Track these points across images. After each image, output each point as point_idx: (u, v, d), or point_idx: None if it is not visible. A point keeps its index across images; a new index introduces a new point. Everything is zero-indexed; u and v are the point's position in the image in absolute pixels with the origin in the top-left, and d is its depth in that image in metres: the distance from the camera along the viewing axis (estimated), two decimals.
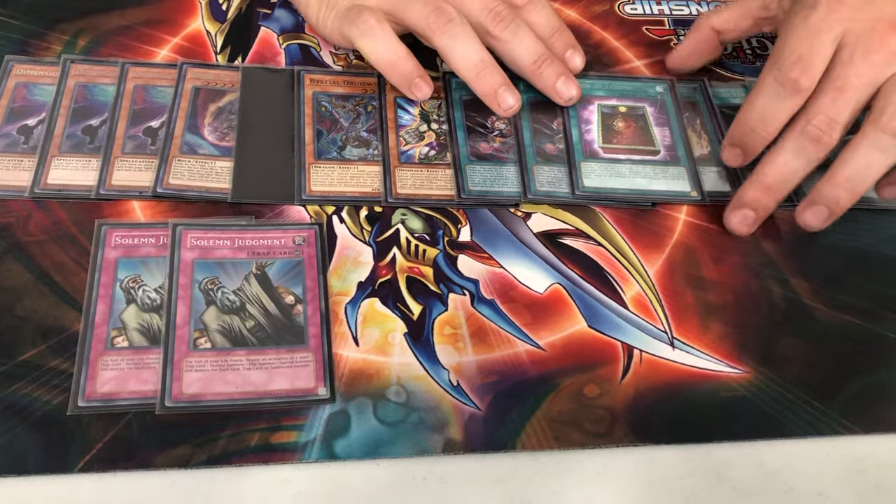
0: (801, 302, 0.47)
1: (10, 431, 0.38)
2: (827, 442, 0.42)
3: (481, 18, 0.50)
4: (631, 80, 0.56)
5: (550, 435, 0.40)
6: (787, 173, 0.47)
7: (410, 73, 0.50)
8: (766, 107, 0.47)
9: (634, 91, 0.55)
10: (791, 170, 0.47)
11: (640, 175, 0.51)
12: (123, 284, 0.43)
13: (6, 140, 0.48)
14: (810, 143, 0.46)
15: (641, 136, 0.53)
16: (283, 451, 0.39)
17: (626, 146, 0.52)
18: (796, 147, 0.46)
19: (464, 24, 0.49)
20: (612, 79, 0.56)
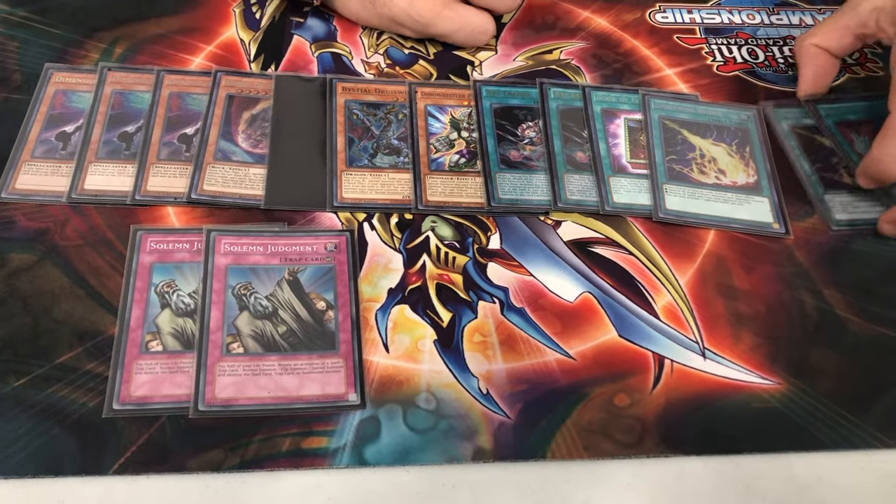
0: (833, 313, 0.46)
1: (47, 433, 0.38)
2: (861, 455, 0.41)
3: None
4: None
5: (580, 444, 0.40)
6: None
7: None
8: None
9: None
10: None
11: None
12: (158, 289, 0.44)
13: (45, 146, 0.49)
14: None
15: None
16: (313, 457, 0.39)
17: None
18: None
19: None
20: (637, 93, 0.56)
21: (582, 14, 0.61)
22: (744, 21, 0.62)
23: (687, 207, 0.50)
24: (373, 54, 0.57)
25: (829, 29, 0.53)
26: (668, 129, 0.54)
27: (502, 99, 0.55)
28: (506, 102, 0.54)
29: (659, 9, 0.62)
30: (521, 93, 0.55)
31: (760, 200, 0.51)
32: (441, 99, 0.54)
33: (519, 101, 0.55)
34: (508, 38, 0.59)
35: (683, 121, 0.54)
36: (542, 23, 0.61)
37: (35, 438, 0.38)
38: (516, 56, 0.58)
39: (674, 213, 0.50)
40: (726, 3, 0.64)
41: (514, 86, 0.55)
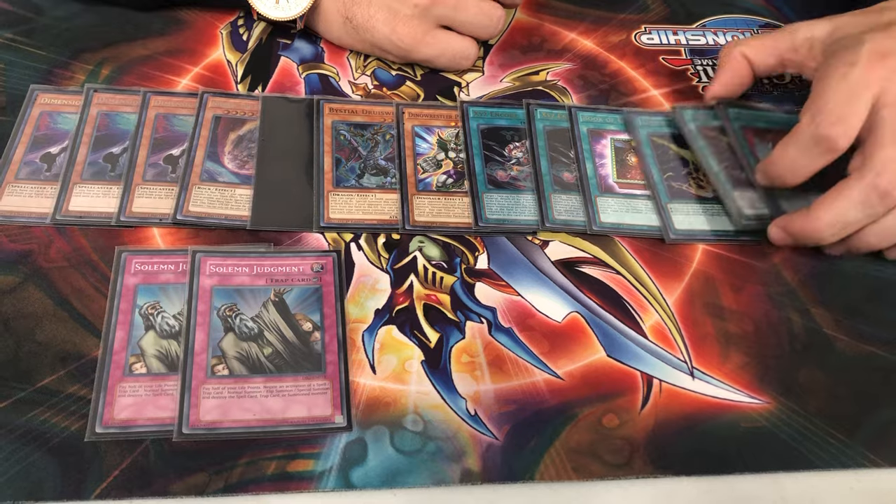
0: (822, 332, 0.46)
1: (27, 457, 0.38)
2: (851, 475, 0.41)
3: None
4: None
5: (569, 466, 0.40)
6: (842, 223, 0.46)
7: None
8: (797, 158, 0.46)
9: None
10: (847, 220, 0.46)
11: (655, 211, 0.51)
12: (142, 311, 0.43)
13: (30, 167, 0.49)
14: (878, 197, 0.44)
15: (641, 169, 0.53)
16: (299, 480, 0.38)
17: (641, 181, 0.52)
18: (862, 199, 0.45)
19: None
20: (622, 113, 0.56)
21: (568, 35, 0.62)
22: (728, 42, 0.63)
23: (694, 225, 0.50)
24: (360, 75, 0.57)
25: (760, 44, 0.54)
26: (657, 145, 0.54)
27: (489, 119, 0.55)
28: (493, 123, 0.54)
29: (644, 30, 0.63)
30: (508, 113, 0.55)
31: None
32: (428, 120, 0.55)
33: (506, 121, 0.55)
34: (495, 60, 0.60)
35: (672, 135, 0.55)
36: (529, 44, 0.61)
37: (16, 463, 0.38)
38: (503, 77, 0.58)
39: (684, 234, 0.50)
40: (711, 25, 0.64)
41: (500, 106, 0.56)
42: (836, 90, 0.45)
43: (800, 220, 0.47)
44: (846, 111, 0.44)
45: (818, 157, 0.46)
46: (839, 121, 0.44)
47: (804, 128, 0.46)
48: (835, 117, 0.45)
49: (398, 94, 0.57)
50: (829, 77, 0.46)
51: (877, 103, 0.44)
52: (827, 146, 0.45)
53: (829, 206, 0.46)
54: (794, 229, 0.47)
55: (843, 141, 0.45)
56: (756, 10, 0.66)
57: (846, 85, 0.45)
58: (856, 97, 0.45)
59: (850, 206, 0.45)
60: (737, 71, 0.55)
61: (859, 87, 0.45)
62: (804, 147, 0.46)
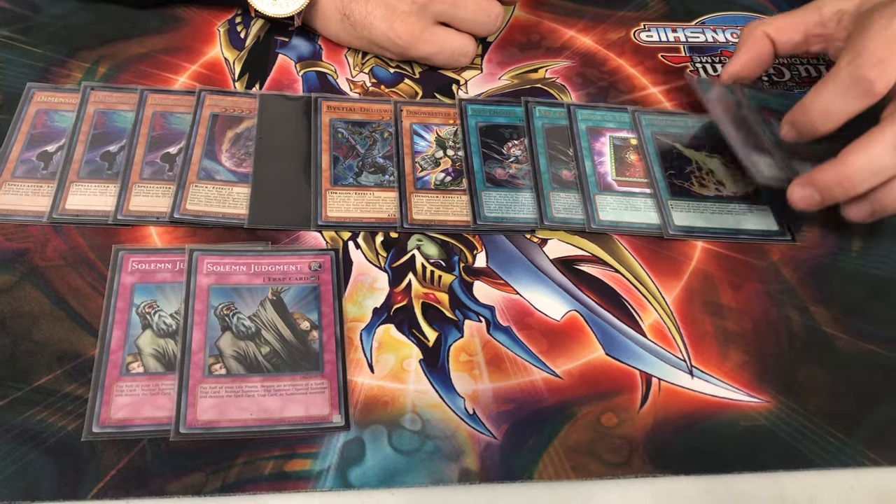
0: (821, 330, 0.46)
1: (24, 457, 0.38)
2: (850, 473, 0.41)
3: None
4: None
5: (568, 465, 0.40)
6: (874, 169, 0.45)
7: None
8: (832, 102, 0.45)
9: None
10: (879, 166, 0.44)
11: (654, 209, 0.50)
12: (139, 310, 0.43)
13: (26, 166, 0.49)
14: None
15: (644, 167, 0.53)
16: (297, 480, 0.38)
17: (639, 179, 0.52)
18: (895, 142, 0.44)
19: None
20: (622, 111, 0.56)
21: (567, 33, 0.62)
22: (727, 39, 0.62)
23: (694, 222, 0.50)
24: (358, 73, 0.57)
25: (786, 22, 0.53)
26: (661, 144, 0.54)
27: (488, 117, 0.54)
28: (491, 121, 0.54)
29: (643, 28, 0.63)
30: (507, 111, 0.55)
31: (763, 209, 0.51)
32: (426, 117, 0.54)
33: (504, 119, 0.54)
34: (494, 57, 0.59)
35: (676, 135, 0.54)
36: (528, 42, 0.61)
37: (12, 463, 0.37)
38: (502, 75, 0.58)
39: (683, 230, 0.50)
40: (710, 22, 0.64)
41: (499, 104, 0.56)
42: (877, 36, 0.44)
43: (828, 169, 0.45)
44: (887, 54, 0.44)
45: (854, 99, 0.45)
46: (880, 62, 0.44)
47: (842, 68, 0.45)
48: (876, 59, 0.44)
49: (396, 91, 0.56)
50: (870, 26, 0.45)
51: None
52: (865, 87, 0.44)
53: (862, 150, 0.44)
54: (822, 180, 0.46)
55: (880, 83, 0.44)
56: (755, 8, 0.65)
57: (887, 33, 0.44)
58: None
59: (883, 151, 0.44)
60: (757, 51, 0.54)
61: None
62: (841, 88, 0.45)
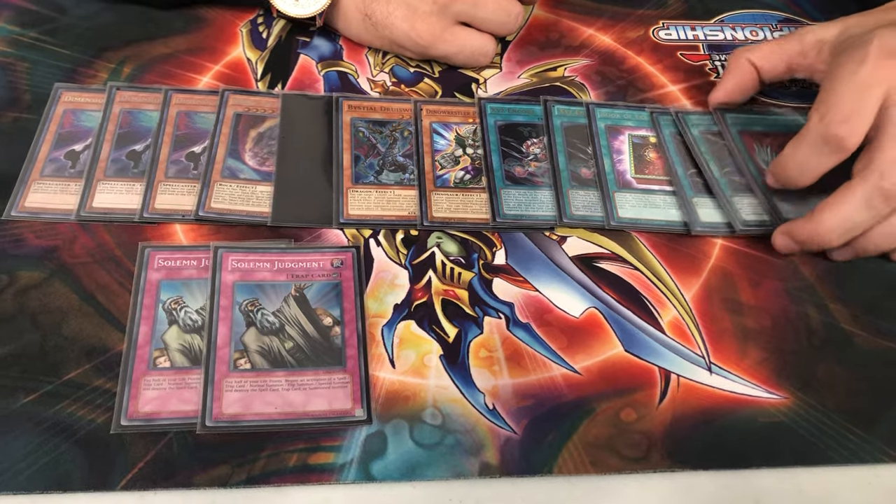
0: (839, 327, 0.46)
1: (55, 449, 0.39)
2: (869, 470, 0.41)
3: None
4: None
5: (587, 459, 0.40)
6: (847, 227, 0.45)
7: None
8: (807, 159, 0.46)
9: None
10: (852, 224, 0.45)
11: (674, 206, 0.51)
12: (166, 306, 0.44)
13: (54, 165, 0.50)
14: (882, 198, 0.44)
15: (665, 166, 0.53)
16: (320, 472, 0.39)
17: (658, 176, 0.52)
18: (866, 200, 0.44)
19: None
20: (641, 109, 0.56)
21: (586, 31, 0.62)
22: (747, 37, 0.63)
23: (717, 218, 0.50)
24: (378, 73, 0.58)
25: (769, 50, 0.54)
26: (681, 143, 0.54)
27: (507, 116, 0.55)
28: (510, 119, 0.55)
29: (662, 26, 0.63)
30: (526, 110, 0.55)
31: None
32: (446, 116, 0.55)
33: (523, 117, 0.55)
34: (513, 56, 0.60)
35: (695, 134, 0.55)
36: (547, 40, 0.61)
37: (44, 454, 0.38)
38: (521, 73, 0.59)
39: (709, 226, 0.50)
40: (730, 20, 0.64)
41: (518, 103, 0.56)
42: (845, 89, 0.45)
43: (804, 225, 0.47)
44: (855, 109, 0.44)
45: (828, 156, 0.45)
46: (847, 119, 0.44)
47: (813, 127, 0.45)
48: (843, 115, 0.44)
49: (416, 90, 0.57)
50: (838, 76, 0.46)
51: (885, 101, 0.44)
52: (836, 145, 0.45)
53: (834, 209, 0.45)
54: (799, 235, 0.47)
55: (851, 140, 0.44)
56: (775, 6, 0.65)
57: (855, 83, 0.45)
58: (865, 95, 0.44)
59: (854, 209, 0.45)
60: (742, 78, 0.55)
61: (868, 85, 0.44)
62: (813, 147, 0.46)
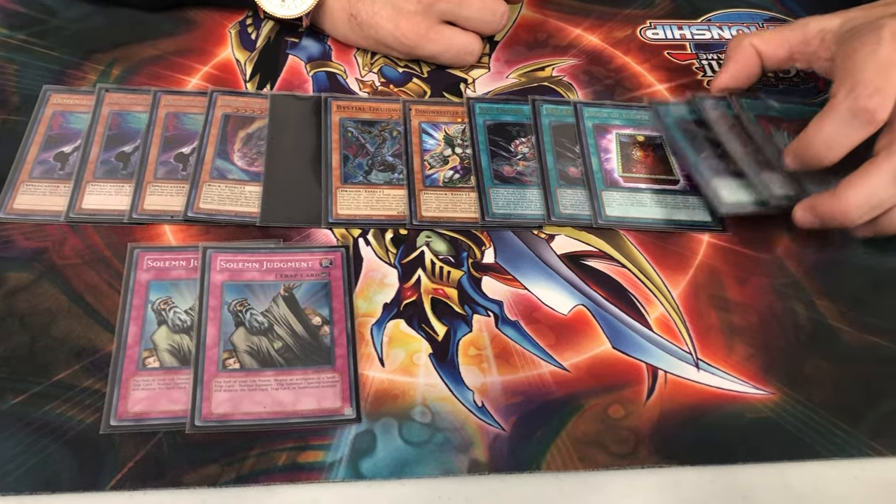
0: (826, 323, 0.46)
1: (45, 450, 0.39)
2: (855, 464, 0.41)
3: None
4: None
5: (575, 456, 0.40)
6: (872, 204, 0.45)
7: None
8: (834, 134, 0.46)
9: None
10: (877, 201, 0.45)
11: (661, 205, 0.51)
12: (155, 306, 0.44)
13: (43, 166, 0.50)
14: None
15: (660, 166, 0.53)
16: (309, 471, 0.39)
17: (645, 175, 0.53)
18: (892, 175, 0.44)
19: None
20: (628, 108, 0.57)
21: (574, 31, 0.62)
22: (733, 37, 0.63)
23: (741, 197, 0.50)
24: (367, 73, 0.58)
25: (772, 37, 0.54)
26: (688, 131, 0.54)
27: (495, 115, 0.55)
28: (499, 119, 0.55)
29: (650, 25, 0.63)
30: (514, 109, 0.56)
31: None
32: (435, 116, 0.55)
33: (512, 117, 0.55)
34: (501, 56, 0.60)
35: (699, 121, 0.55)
36: (535, 40, 0.62)
37: (33, 455, 0.38)
38: (509, 73, 0.59)
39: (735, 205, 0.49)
40: (716, 20, 0.64)
41: (506, 102, 0.56)
42: (868, 65, 0.45)
43: (827, 201, 0.46)
44: (883, 83, 0.44)
45: (857, 129, 0.45)
46: (877, 91, 0.44)
47: (840, 102, 0.45)
48: (872, 88, 0.44)
49: (405, 91, 0.57)
50: (858, 54, 0.46)
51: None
52: (866, 118, 0.45)
53: (859, 185, 0.45)
54: (822, 210, 0.47)
55: (881, 112, 0.44)
56: (762, 5, 0.66)
57: (877, 60, 0.45)
58: (890, 71, 0.44)
59: (880, 186, 0.45)
60: (746, 62, 0.54)
61: (891, 63, 0.45)
62: (842, 121, 0.45)
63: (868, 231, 0.48)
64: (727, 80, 0.55)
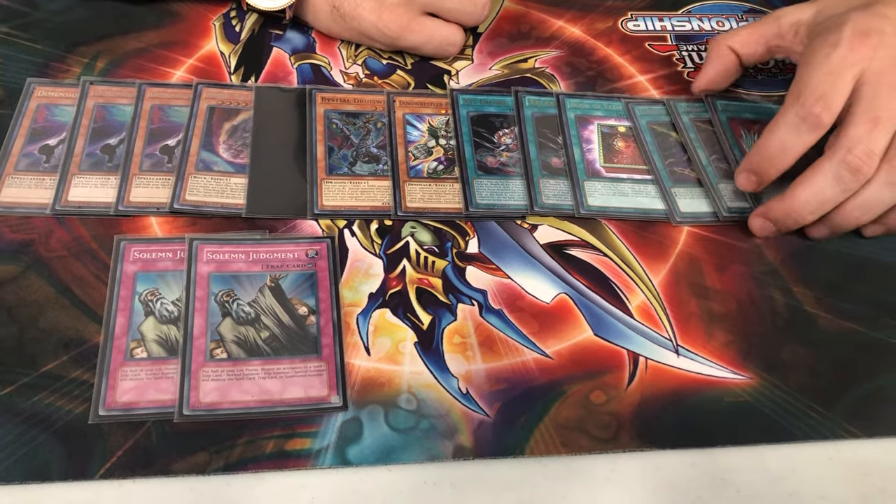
0: (803, 310, 0.47)
1: (34, 440, 0.39)
2: (830, 446, 0.42)
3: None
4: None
5: (558, 440, 0.41)
6: (819, 201, 0.47)
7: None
8: (785, 139, 0.48)
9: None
10: (824, 198, 0.47)
11: (642, 194, 0.52)
12: (142, 297, 0.44)
13: (28, 159, 0.50)
14: (850, 173, 0.46)
15: (642, 156, 0.54)
16: (297, 458, 0.40)
17: (627, 165, 0.53)
18: (835, 175, 0.46)
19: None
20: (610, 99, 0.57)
21: (556, 23, 0.63)
22: (713, 28, 0.64)
23: (697, 208, 0.51)
24: (351, 65, 0.58)
25: (747, 35, 0.55)
26: (657, 133, 0.55)
27: (479, 107, 0.56)
28: (482, 110, 0.56)
29: (631, 17, 0.64)
30: (497, 101, 0.56)
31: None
32: (419, 108, 0.56)
33: (495, 108, 0.56)
34: (484, 48, 0.61)
35: (671, 123, 0.56)
36: (517, 32, 0.62)
37: (22, 445, 0.39)
38: (492, 65, 0.59)
39: (690, 216, 0.51)
40: (696, 11, 0.65)
41: (490, 94, 0.57)
42: (819, 70, 0.46)
43: (778, 203, 0.48)
44: (828, 88, 0.46)
45: (805, 134, 0.47)
46: (822, 97, 0.46)
47: (789, 107, 0.47)
48: (818, 94, 0.46)
49: (389, 82, 0.58)
50: (813, 58, 0.47)
51: (858, 81, 0.46)
52: (812, 123, 0.46)
53: (805, 185, 0.47)
54: (774, 214, 0.49)
55: (826, 117, 0.46)
56: None
57: (828, 65, 0.46)
58: (838, 75, 0.46)
59: (825, 184, 0.47)
60: (724, 64, 0.56)
61: (842, 67, 0.46)
62: (791, 127, 0.47)
63: (822, 232, 0.50)
64: (705, 82, 0.57)
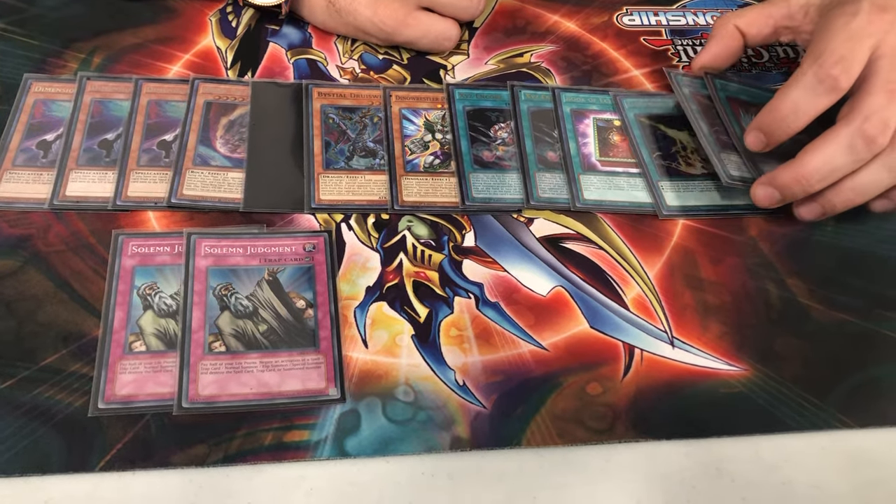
0: (797, 301, 0.48)
1: (34, 433, 0.39)
2: (823, 436, 0.43)
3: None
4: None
5: (554, 432, 0.41)
6: (830, 168, 0.47)
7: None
8: (800, 100, 0.47)
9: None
10: (834, 165, 0.46)
11: (637, 188, 0.52)
12: (140, 291, 0.44)
13: (26, 154, 0.50)
14: (863, 142, 0.45)
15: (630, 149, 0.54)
16: (295, 450, 0.40)
17: (622, 159, 0.54)
18: (849, 143, 0.46)
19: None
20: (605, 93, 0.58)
21: (551, 18, 0.63)
22: (708, 22, 0.64)
23: (685, 202, 0.52)
24: (347, 60, 0.59)
25: (756, 15, 0.55)
26: (645, 126, 0.55)
27: (475, 101, 0.56)
28: (478, 105, 0.56)
29: (626, 12, 0.64)
30: (493, 95, 0.57)
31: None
32: (415, 102, 0.56)
33: (491, 103, 0.56)
34: (480, 43, 0.61)
35: (658, 116, 0.56)
36: (513, 27, 0.62)
37: (22, 438, 0.39)
38: (488, 60, 0.60)
39: (677, 209, 0.51)
40: (691, 6, 0.66)
41: (485, 88, 0.57)
42: (838, 35, 0.46)
43: (786, 169, 0.48)
44: (848, 53, 0.46)
45: (821, 96, 0.47)
46: (841, 60, 0.46)
47: (806, 69, 0.47)
48: (837, 56, 0.46)
49: (385, 77, 0.58)
50: (831, 24, 0.47)
51: (874, 53, 0.46)
52: (830, 85, 0.46)
53: (817, 151, 0.46)
54: (781, 180, 0.48)
55: (844, 80, 0.46)
56: None
57: (847, 31, 0.46)
58: (857, 42, 0.46)
59: (837, 151, 0.46)
60: (728, 43, 0.56)
61: (861, 35, 0.46)
62: (807, 87, 0.47)
63: (814, 211, 0.49)
64: (708, 59, 0.56)
